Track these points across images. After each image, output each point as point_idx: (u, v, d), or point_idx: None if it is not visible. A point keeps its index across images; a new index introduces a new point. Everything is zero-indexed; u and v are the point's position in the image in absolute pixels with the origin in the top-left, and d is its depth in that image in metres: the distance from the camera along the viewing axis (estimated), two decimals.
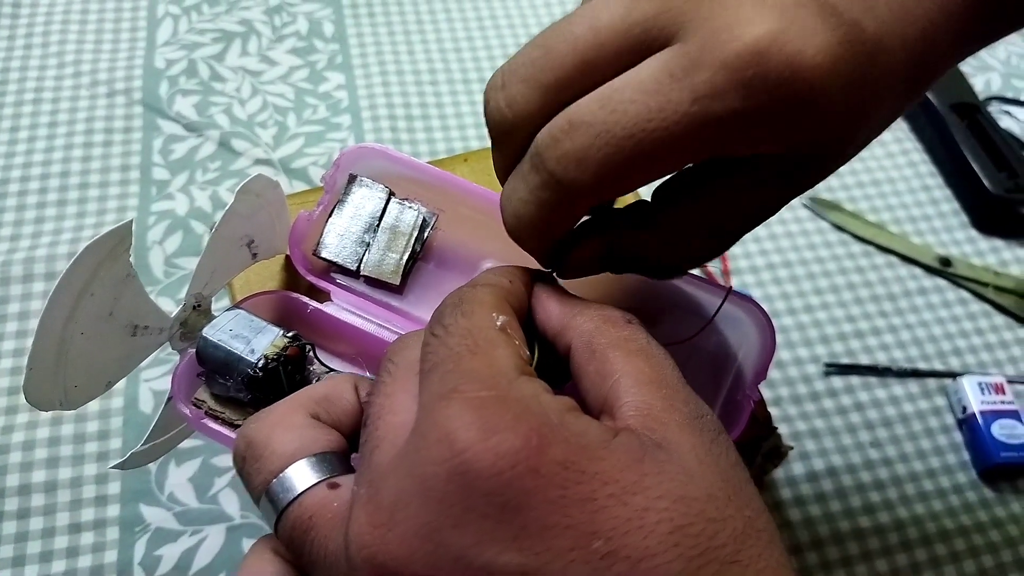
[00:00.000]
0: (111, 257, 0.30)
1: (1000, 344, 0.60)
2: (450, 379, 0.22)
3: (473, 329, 0.24)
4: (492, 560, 0.20)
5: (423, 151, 0.65)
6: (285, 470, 0.24)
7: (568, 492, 0.20)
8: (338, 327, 0.36)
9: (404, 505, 0.21)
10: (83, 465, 0.49)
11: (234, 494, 0.49)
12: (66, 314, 0.29)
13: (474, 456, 0.20)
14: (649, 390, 0.23)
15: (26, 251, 0.57)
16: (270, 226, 0.38)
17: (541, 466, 0.20)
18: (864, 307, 0.61)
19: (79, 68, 0.68)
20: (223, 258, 0.35)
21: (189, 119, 0.65)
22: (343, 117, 0.67)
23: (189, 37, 0.71)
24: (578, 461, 0.21)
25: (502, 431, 0.21)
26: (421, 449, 0.21)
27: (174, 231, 0.59)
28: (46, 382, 0.30)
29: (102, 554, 0.47)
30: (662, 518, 0.20)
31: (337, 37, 0.72)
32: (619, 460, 0.21)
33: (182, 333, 0.34)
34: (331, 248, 0.37)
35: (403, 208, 0.37)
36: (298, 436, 0.25)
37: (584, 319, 0.25)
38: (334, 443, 0.26)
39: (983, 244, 0.65)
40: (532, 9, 0.77)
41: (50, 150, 0.63)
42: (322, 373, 0.35)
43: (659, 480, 0.21)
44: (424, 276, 0.37)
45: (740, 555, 0.21)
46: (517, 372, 0.23)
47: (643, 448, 0.22)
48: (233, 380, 0.32)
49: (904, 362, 0.58)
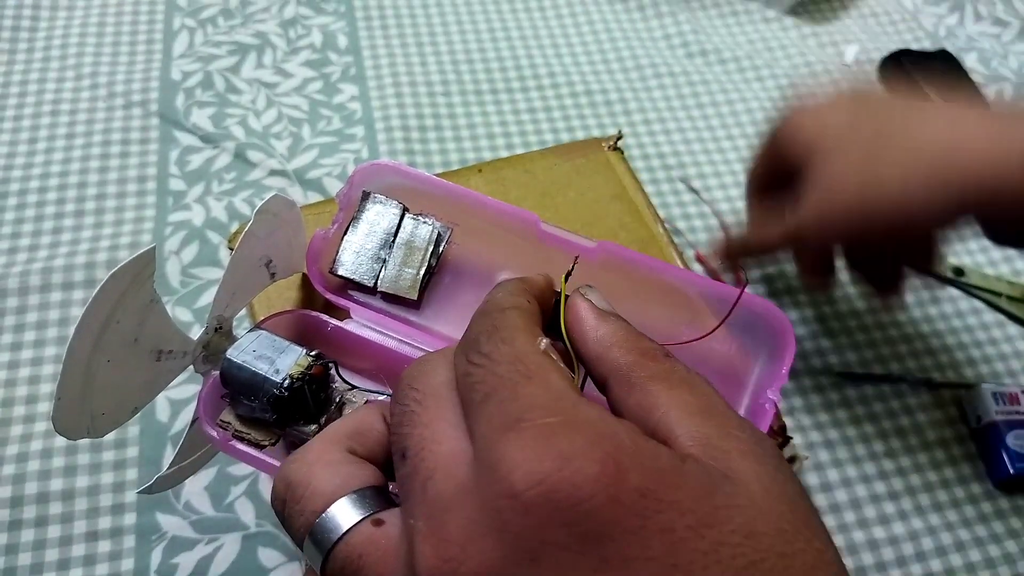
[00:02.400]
0: (135, 284, 0.30)
1: (1014, 354, 0.60)
2: (511, 408, 0.22)
3: (520, 355, 0.23)
4: None
5: (436, 162, 0.66)
6: (327, 509, 0.24)
7: (648, 522, 0.20)
8: (358, 344, 0.36)
9: (478, 539, 0.20)
10: (100, 474, 0.50)
11: (249, 503, 0.49)
12: (92, 342, 0.29)
13: (551, 486, 0.20)
14: (702, 420, 0.23)
15: (44, 261, 0.58)
16: (287, 245, 0.38)
17: (620, 494, 0.20)
18: (877, 317, 0.61)
19: (96, 80, 0.68)
20: (243, 279, 0.35)
21: (205, 130, 0.66)
22: (357, 128, 0.67)
23: (205, 50, 0.71)
24: (656, 489, 0.20)
25: (578, 458, 0.20)
26: (491, 482, 0.21)
27: (190, 241, 0.60)
28: (74, 411, 0.30)
29: (119, 562, 0.47)
30: (736, 553, 0.20)
31: (351, 49, 0.73)
32: (693, 490, 0.21)
33: (205, 356, 0.34)
34: (347, 265, 0.37)
35: (418, 223, 0.37)
36: (337, 473, 0.25)
37: (620, 352, 0.25)
38: (372, 477, 0.25)
39: (996, 254, 0.65)
40: (544, 21, 0.77)
41: (68, 161, 0.64)
42: (345, 391, 0.35)
43: (731, 514, 0.21)
44: (441, 290, 0.37)
45: None
46: (575, 394, 0.22)
47: (712, 479, 0.21)
48: (259, 401, 0.32)
49: (918, 372, 0.58)
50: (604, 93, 0.72)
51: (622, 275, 0.34)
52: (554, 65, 0.74)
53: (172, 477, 0.36)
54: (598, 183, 0.45)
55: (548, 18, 0.77)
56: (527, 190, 0.44)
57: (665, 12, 0.79)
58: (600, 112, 0.71)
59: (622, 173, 0.45)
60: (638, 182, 0.45)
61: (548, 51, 0.75)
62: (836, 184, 0.42)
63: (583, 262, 0.34)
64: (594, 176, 0.45)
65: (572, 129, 0.69)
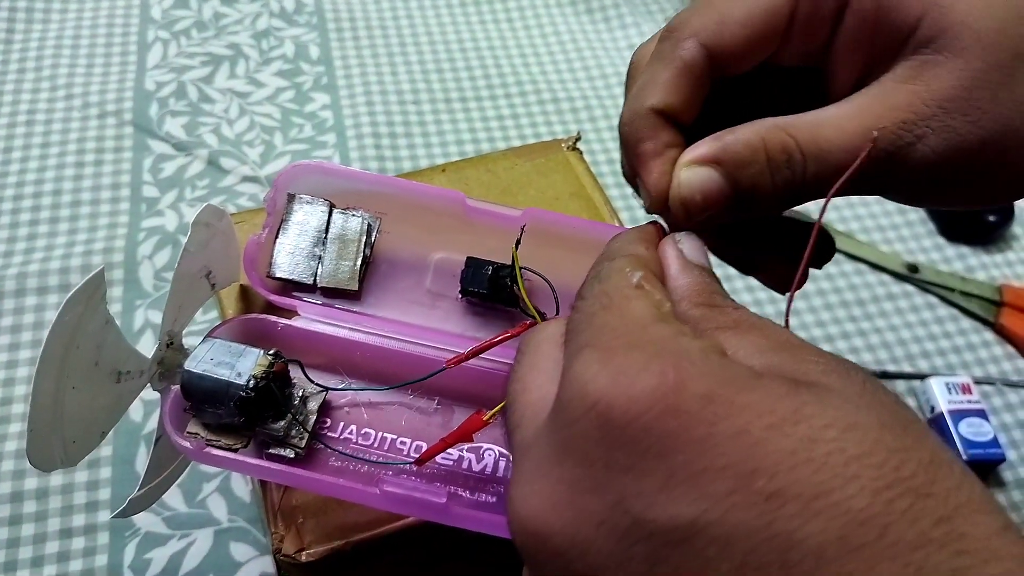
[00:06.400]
0: (90, 307, 0.30)
1: (967, 346, 0.62)
2: (582, 337, 0.21)
3: (608, 289, 0.23)
4: (641, 515, 0.18)
5: (407, 167, 0.67)
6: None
7: (717, 428, 0.18)
8: (310, 339, 0.37)
9: (543, 475, 0.20)
10: (74, 472, 0.50)
11: (222, 499, 0.50)
12: (57, 370, 0.29)
13: (607, 405, 0.19)
14: (773, 354, 0.21)
15: (19, 267, 0.59)
16: (224, 255, 0.39)
17: (682, 403, 0.18)
18: (834, 312, 0.63)
19: (71, 91, 0.70)
20: (186, 293, 0.36)
21: (178, 139, 0.67)
22: (328, 135, 0.69)
23: (179, 60, 0.73)
24: (724, 393, 0.19)
25: (634, 372, 0.19)
26: (559, 413, 0.20)
27: (163, 246, 0.61)
28: (46, 442, 0.30)
29: (92, 558, 0.48)
30: (832, 448, 0.18)
31: (323, 60, 0.74)
32: (772, 390, 0.19)
33: (160, 373, 0.35)
34: (284, 267, 0.38)
35: (347, 217, 0.38)
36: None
37: (688, 305, 0.24)
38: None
39: (950, 251, 0.67)
40: (512, 31, 0.79)
41: (43, 170, 0.65)
42: (306, 385, 0.36)
43: (822, 408, 0.18)
44: (379, 278, 0.38)
45: (935, 487, 0.18)
46: (654, 319, 0.21)
47: (794, 384, 0.19)
48: (225, 407, 0.33)
49: (874, 364, 0.60)
50: (570, 100, 0.74)
51: (553, 236, 0.36)
52: (521, 73, 0.76)
53: (144, 497, 0.36)
54: (557, 181, 0.47)
55: (516, 28, 0.79)
56: (488, 188, 0.46)
57: (629, 23, 0.81)
58: (566, 118, 0.73)
59: (581, 172, 0.47)
60: (596, 180, 0.47)
61: (516, 60, 0.77)
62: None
63: (514, 229, 0.35)
64: (553, 175, 0.47)
65: (540, 135, 0.71)
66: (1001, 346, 0.62)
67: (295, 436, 0.34)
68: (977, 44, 0.25)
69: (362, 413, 0.36)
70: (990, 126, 0.25)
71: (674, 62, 0.28)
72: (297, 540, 0.34)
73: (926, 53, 0.26)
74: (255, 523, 0.50)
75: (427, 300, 0.38)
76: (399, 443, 0.36)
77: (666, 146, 0.28)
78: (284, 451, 0.34)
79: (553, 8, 0.81)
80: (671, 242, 0.26)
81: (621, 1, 0.83)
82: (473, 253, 0.37)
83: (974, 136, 0.26)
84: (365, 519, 0.34)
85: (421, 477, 0.34)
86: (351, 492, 0.32)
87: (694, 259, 0.26)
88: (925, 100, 0.26)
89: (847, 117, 0.26)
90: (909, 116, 0.26)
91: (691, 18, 0.29)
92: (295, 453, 0.34)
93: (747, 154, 0.26)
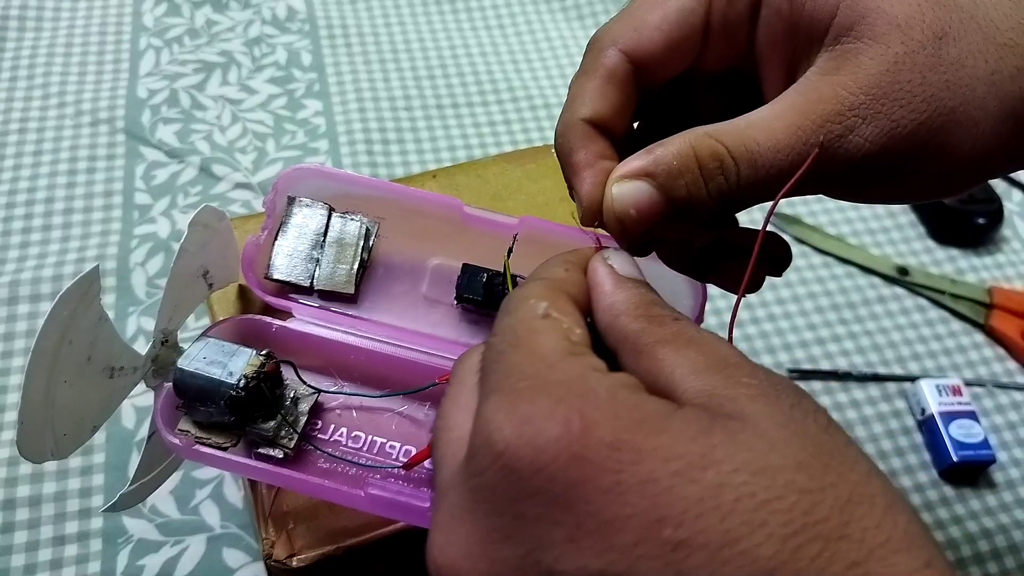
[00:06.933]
0: (84, 303, 0.30)
1: (957, 348, 0.62)
2: (492, 379, 0.21)
3: (514, 324, 0.23)
4: (552, 567, 0.18)
5: (399, 173, 0.68)
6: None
7: (623, 476, 0.18)
8: (304, 341, 0.37)
9: (459, 522, 0.20)
10: (67, 479, 0.50)
11: (215, 505, 0.50)
12: (49, 364, 0.30)
13: (513, 455, 0.19)
14: (708, 374, 0.21)
15: (12, 274, 0.59)
16: (222, 256, 0.39)
17: (587, 452, 0.18)
18: (825, 315, 0.63)
19: (63, 99, 0.70)
20: (182, 292, 0.36)
21: (171, 146, 0.67)
22: (321, 142, 0.69)
23: (171, 68, 0.73)
24: (631, 439, 0.18)
25: (539, 420, 0.19)
26: (471, 460, 0.20)
27: (156, 253, 0.61)
28: (37, 434, 0.30)
29: (86, 565, 0.48)
30: (741, 494, 0.17)
31: (315, 67, 0.75)
32: (681, 432, 0.19)
33: (154, 370, 0.35)
34: (282, 269, 0.38)
35: (345, 221, 0.39)
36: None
37: (627, 319, 0.23)
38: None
39: (940, 254, 0.68)
40: (503, 38, 0.79)
41: (35, 177, 0.65)
42: (298, 387, 0.36)
43: (732, 451, 0.18)
44: (376, 282, 0.39)
45: (849, 528, 0.17)
46: (562, 354, 0.21)
47: (711, 419, 0.19)
48: (216, 405, 0.33)
49: (864, 367, 0.60)
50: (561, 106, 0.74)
51: (548, 244, 0.35)
52: (512, 79, 0.76)
53: (136, 493, 0.36)
54: (547, 186, 0.47)
55: (507, 35, 0.80)
56: (479, 194, 0.46)
57: None
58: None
59: None
60: None
61: (507, 66, 0.77)
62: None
63: (509, 237, 0.36)
64: (543, 180, 0.47)
65: (531, 141, 0.71)
66: (991, 348, 0.62)
67: (284, 436, 0.35)
68: (895, 28, 0.25)
69: (353, 416, 0.37)
70: (923, 108, 0.25)
71: (598, 71, 0.28)
72: (288, 545, 0.34)
73: (846, 42, 0.25)
74: (248, 529, 0.50)
75: (423, 305, 0.39)
76: (388, 447, 0.36)
77: (598, 157, 0.28)
78: (273, 451, 0.34)
79: (544, 15, 0.82)
80: (600, 260, 0.26)
81: (612, 8, 0.83)
82: (469, 260, 0.38)
83: (908, 120, 0.25)
84: (356, 524, 0.35)
85: (408, 481, 0.34)
86: (337, 494, 0.32)
87: (626, 274, 0.25)
88: (851, 89, 0.25)
89: (774, 117, 0.25)
90: (836, 107, 0.25)
91: (611, 27, 0.29)
92: (284, 453, 0.34)
93: (678, 164, 0.25)
